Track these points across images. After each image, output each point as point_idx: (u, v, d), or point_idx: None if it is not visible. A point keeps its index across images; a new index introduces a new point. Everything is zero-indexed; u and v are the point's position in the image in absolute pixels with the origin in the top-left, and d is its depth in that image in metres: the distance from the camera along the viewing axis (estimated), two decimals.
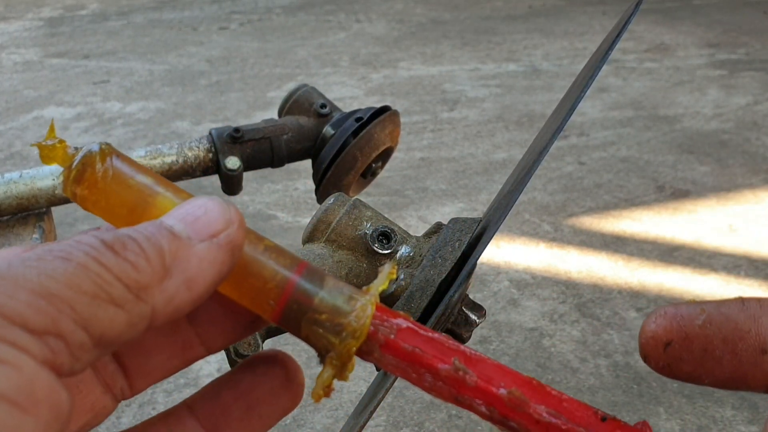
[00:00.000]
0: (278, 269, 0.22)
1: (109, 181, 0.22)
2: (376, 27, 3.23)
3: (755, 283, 1.38)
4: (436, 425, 1.08)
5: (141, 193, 0.21)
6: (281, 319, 0.22)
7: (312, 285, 0.22)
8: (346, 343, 0.21)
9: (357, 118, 0.65)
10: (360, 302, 0.22)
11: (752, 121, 2.09)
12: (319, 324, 0.21)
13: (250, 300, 0.22)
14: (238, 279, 0.21)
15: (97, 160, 0.22)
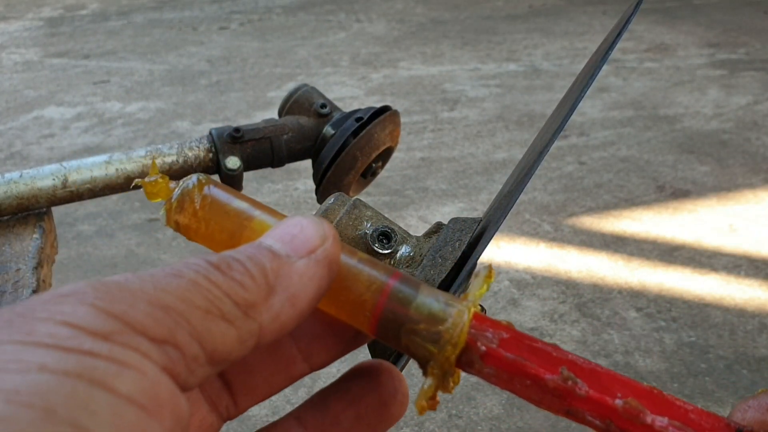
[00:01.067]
0: (372, 281, 0.22)
1: (207, 209, 0.23)
2: (377, 27, 3.23)
3: (755, 283, 1.38)
4: (437, 425, 1.08)
5: (238, 217, 0.22)
6: (378, 331, 0.21)
7: (406, 294, 0.22)
8: (445, 351, 0.21)
9: (357, 118, 0.65)
10: (456, 309, 0.21)
11: (752, 120, 2.09)
12: (417, 333, 0.21)
13: (347, 314, 0.22)
14: (334, 293, 0.21)
15: (196, 191, 0.23)
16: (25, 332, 0.15)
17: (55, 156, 2.08)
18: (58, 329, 0.15)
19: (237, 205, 0.23)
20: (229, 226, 0.22)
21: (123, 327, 0.15)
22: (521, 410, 1.11)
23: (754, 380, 1.14)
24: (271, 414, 1.12)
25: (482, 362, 0.21)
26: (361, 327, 0.22)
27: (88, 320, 0.15)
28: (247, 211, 0.22)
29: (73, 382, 0.14)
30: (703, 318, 1.29)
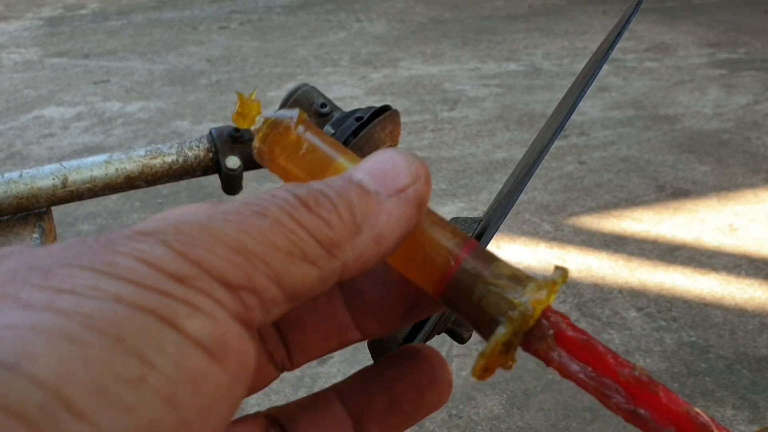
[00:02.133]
0: (454, 232, 0.21)
1: (296, 144, 0.22)
2: (377, 26, 3.23)
3: (755, 283, 1.38)
4: (437, 425, 1.08)
5: (326, 157, 0.22)
6: (453, 281, 0.21)
7: (486, 252, 0.21)
8: (523, 315, 0.20)
9: (357, 118, 0.65)
10: (538, 278, 0.20)
11: (752, 120, 2.09)
12: (496, 286, 0.20)
13: (420, 262, 0.21)
14: (410, 241, 0.21)
15: (288, 123, 0.23)
16: (105, 262, 0.15)
17: (54, 156, 2.08)
18: (137, 265, 0.15)
19: (327, 148, 0.23)
20: (316, 163, 0.22)
21: (199, 272, 0.16)
22: (521, 410, 1.11)
23: (755, 380, 1.14)
24: None
25: (554, 341, 0.20)
26: (429, 279, 0.21)
27: (165, 261, 0.15)
28: (334, 154, 0.22)
29: (145, 316, 0.14)
30: (703, 318, 1.29)
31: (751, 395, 1.11)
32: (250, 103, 0.24)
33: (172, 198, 1.81)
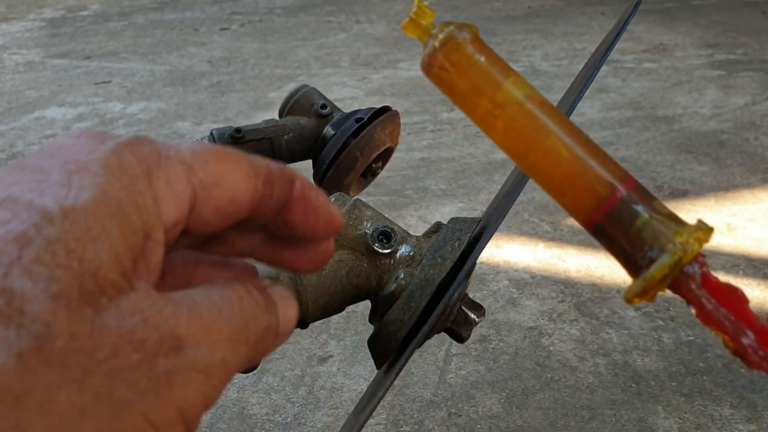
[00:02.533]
0: (616, 166, 0.22)
1: (465, 62, 0.24)
2: (377, 28, 3.23)
3: (753, 283, 1.39)
4: (436, 423, 1.09)
5: (489, 79, 0.24)
6: (614, 211, 0.21)
7: (646, 191, 0.22)
8: (692, 238, 0.20)
9: (357, 119, 0.66)
10: (695, 223, 0.21)
11: (750, 121, 2.10)
12: (658, 221, 0.21)
13: (576, 191, 0.22)
14: (569, 169, 0.22)
15: (464, 39, 0.24)
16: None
17: None
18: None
19: (491, 69, 0.24)
20: (478, 84, 0.24)
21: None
22: (520, 409, 1.11)
23: (752, 379, 1.15)
24: (271, 412, 1.13)
25: (700, 282, 0.21)
26: (584, 207, 0.22)
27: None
28: (499, 78, 0.24)
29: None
30: None
31: (749, 394, 1.12)
32: (426, 11, 0.25)
33: None
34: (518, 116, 0.24)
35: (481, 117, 0.25)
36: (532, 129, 0.23)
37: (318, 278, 0.36)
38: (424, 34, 0.25)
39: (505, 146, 0.25)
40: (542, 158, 0.23)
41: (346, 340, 1.26)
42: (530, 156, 0.24)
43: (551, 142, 0.23)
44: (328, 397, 1.15)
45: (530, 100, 0.24)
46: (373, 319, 0.39)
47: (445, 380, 1.17)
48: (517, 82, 0.24)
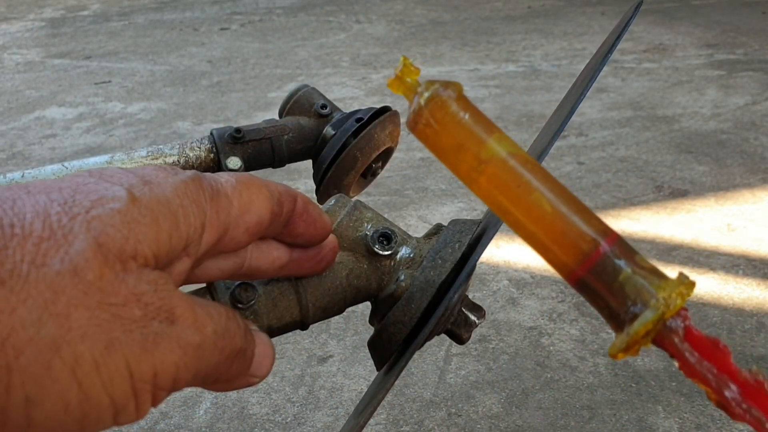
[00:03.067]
0: (600, 224, 0.23)
1: (449, 120, 0.24)
2: (377, 28, 3.23)
3: (753, 283, 1.39)
4: (436, 423, 1.09)
5: (473, 137, 0.25)
6: (597, 266, 0.22)
7: (630, 245, 0.22)
8: (664, 305, 0.21)
9: (357, 119, 0.66)
10: (676, 277, 0.22)
11: (750, 121, 2.10)
12: (640, 276, 0.22)
13: (559, 247, 0.23)
14: (551, 225, 0.23)
15: (448, 97, 0.25)
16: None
17: (56, 156, 2.09)
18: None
19: (475, 126, 0.24)
20: (462, 141, 0.24)
21: None
22: (520, 409, 1.11)
23: None
24: (271, 412, 1.13)
25: (683, 336, 0.21)
26: (567, 262, 0.22)
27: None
28: (483, 135, 0.24)
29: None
30: (701, 317, 1.30)
31: None
32: (411, 69, 0.25)
33: None
34: (501, 172, 0.24)
35: (465, 173, 0.25)
36: (515, 185, 0.24)
37: (318, 280, 0.36)
38: (409, 91, 0.26)
39: (488, 201, 0.26)
40: (525, 214, 0.24)
41: (346, 340, 1.26)
42: (513, 212, 0.25)
43: (534, 198, 0.24)
44: (328, 397, 1.15)
45: (513, 157, 0.25)
46: (374, 320, 0.39)
47: (445, 380, 1.17)
48: (501, 139, 0.25)
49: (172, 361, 0.21)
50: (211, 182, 0.25)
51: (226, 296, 0.34)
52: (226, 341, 0.24)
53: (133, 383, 0.21)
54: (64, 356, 0.19)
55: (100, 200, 0.22)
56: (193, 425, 1.11)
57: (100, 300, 0.20)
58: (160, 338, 0.21)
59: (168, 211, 0.23)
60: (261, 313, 0.35)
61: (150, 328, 0.21)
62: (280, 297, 0.35)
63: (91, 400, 0.20)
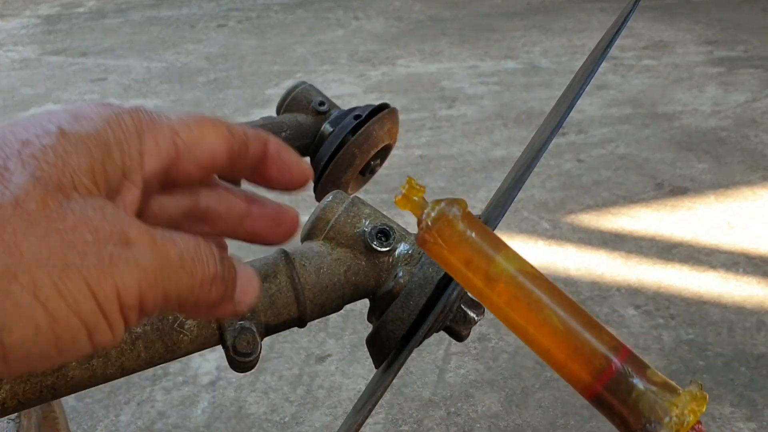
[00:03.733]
0: (611, 338, 0.24)
1: (456, 239, 0.26)
2: (375, 24, 3.22)
3: (753, 280, 1.38)
4: (435, 422, 1.08)
5: (481, 253, 0.26)
6: (611, 383, 0.23)
7: (641, 360, 0.24)
8: (687, 409, 0.22)
9: (355, 116, 0.65)
10: (687, 390, 0.23)
11: (751, 118, 2.09)
12: (653, 392, 0.23)
13: (574, 363, 0.24)
14: (566, 341, 0.24)
15: (454, 216, 0.26)
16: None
17: None
18: None
19: (483, 244, 0.26)
20: (470, 258, 0.26)
21: None
22: (519, 408, 1.11)
23: (753, 377, 1.14)
24: (269, 411, 1.12)
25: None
26: (582, 377, 0.24)
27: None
28: (491, 252, 0.26)
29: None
30: (701, 315, 1.29)
31: (749, 392, 1.11)
32: (417, 188, 0.27)
33: None
34: (511, 289, 0.26)
35: (477, 289, 0.26)
36: (526, 303, 0.25)
37: (316, 277, 0.36)
38: (415, 209, 0.27)
39: (500, 317, 0.26)
40: (538, 331, 0.25)
41: (344, 339, 1.25)
42: (526, 329, 0.26)
43: (545, 315, 0.25)
44: (326, 397, 1.14)
45: (522, 274, 0.26)
46: (372, 317, 0.39)
47: (444, 379, 1.16)
48: (508, 256, 0.26)
49: (134, 280, 0.22)
50: (151, 115, 0.26)
51: None
52: (196, 265, 0.24)
53: (99, 303, 0.21)
54: (22, 281, 0.20)
55: (31, 139, 0.23)
56: (191, 425, 1.10)
57: (47, 228, 0.21)
58: (116, 259, 0.22)
59: (98, 141, 0.24)
60: (259, 311, 0.34)
61: (104, 251, 0.22)
62: (277, 294, 0.35)
63: (60, 321, 0.21)
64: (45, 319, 0.21)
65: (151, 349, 0.32)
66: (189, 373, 1.20)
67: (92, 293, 0.21)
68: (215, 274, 0.25)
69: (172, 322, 0.33)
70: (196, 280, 0.24)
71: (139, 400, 1.15)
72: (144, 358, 0.32)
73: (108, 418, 1.12)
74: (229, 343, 0.33)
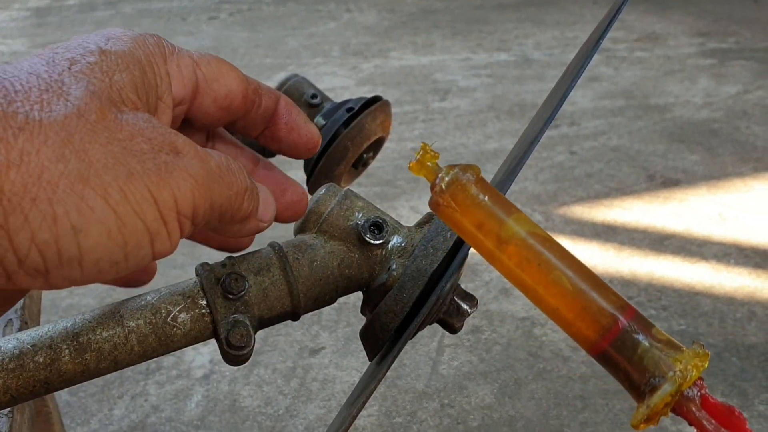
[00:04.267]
0: (618, 298, 0.25)
1: (470, 201, 0.26)
2: (367, 17, 3.21)
3: (744, 271, 1.39)
4: (429, 414, 1.09)
5: (493, 216, 0.27)
6: (617, 340, 0.24)
7: (646, 319, 0.24)
8: (680, 376, 0.23)
9: (348, 108, 0.65)
10: (691, 348, 0.24)
11: (742, 110, 2.10)
12: (658, 348, 0.24)
13: (581, 322, 0.25)
14: (573, 300, 0.25)
15: (468, 180, 0.27)
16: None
17: None
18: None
19: (494, 208, 0.27)
20: (482, 221, 0.27)
21: None
22: (513, 399, 1.11)
23: (744, 367, 1.15)
24: (263, 404, 1.12)
25: (700, 404, 0.23)
26: (588, 335, 0.25)
27: None
28: (502, 215, 0.27)
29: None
30: (693, 306, 1.30)
31: (741, 382, 1.12)
32: (431, 154, 0.28)
33: None
34: (522, 251, 0.26)
35: (488, 252, 0.27)
36: (536, 264, 0.26)
37: (309, 270, 0.36)
38: (429, 174, 0.28)
39: (511, 279, 0.27)
40: (547, 291, 0.26)
41: (337, 331, 1.25)
42: (536, 289, 0.26)
43: (555, 276, 0.26)
44: (320, 389, 1.14)
45: (532, 236, 0.27)
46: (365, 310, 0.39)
47: (438, 371, 1.17)
48: (519, 219, 0.27)
49: (188, 188, 0.23)
50: (173, 44, 0.27)
51: (217, 287, 0.33)
52: (231, 177, 0.25)
53: (159, 209, 0.23)
54: (94, 187, 0.21)
55: (77, 57, 0.24)
56: (185, 418, 1.10)
57: (108, 137, 0.22)
58: (171, 167, 0.23)
59: (133, 59, 0.25)
60: (252, 304, 0.34)
61: (160, 159, 0.23)
62: (271, 287, 0.35)
63: (128, 225, 0.22)
64: (115, 223, 0.22)
65: (144, 343, 0.32)
66: (182, 366, 1.20)
67: (154, 199, 0.22)
68: (247, 187, 0.26)
69: (165, 315, 0.33)
70: (232, 191, 0.25)
71: (133, 394, 1.15)
72: (137, 352, 0.32)
73: (101, 413, 1.12)
74: (223, 336, 0.33)
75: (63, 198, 0.21)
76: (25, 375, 0.31)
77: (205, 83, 0.28)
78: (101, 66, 0.24)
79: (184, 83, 0.27)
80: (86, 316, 0.32)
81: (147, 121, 0.24)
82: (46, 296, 1.32)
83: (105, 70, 0.24)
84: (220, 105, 0.28)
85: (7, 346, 0.31)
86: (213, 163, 0.25)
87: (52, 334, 0.31)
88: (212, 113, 0.28)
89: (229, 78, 0.28)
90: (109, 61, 0.24)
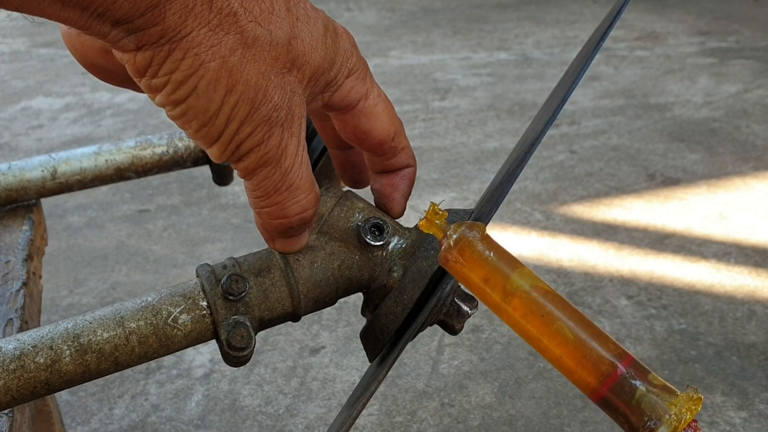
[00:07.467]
0: (616, 346, 0.27)
1: (477, 258, 0.29)
2: (367, 16, 3.21)
3: (745, 271, 1.39)
4: (429, 413, 1.09)
5: (498, 271, 0.29)
6: (616, 386, 0.26)
7: (643, 365, 0.26)
8: (675, 420, 0.25)
9: None
10: (684, 393, 0.25)
11: (742, 109, 2.10)
12: (653, 393, 0.26)
13: (582, 369, 0.27)
14: (575, 350, 0.27)
15: (474, 238, 0.29)
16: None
17: (43, 147, 2.06)
18: None
19: (499, 263, 0.29)
20: (489, 276, 0.29)
21: None
22: (513, 398, 1.11)
23: (744, 366, 1.15)
24: (263, 404, 1.12)
25: None
26: (589, 382, 0.27)
27: None
28: (507, 270, 0.29)
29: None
30: (693, 305, 1.30)
31: (741, 382, 1.12)
32: (439, 213, 0.30)
33: (163, 189, 1.80)
34: (527, 303, 0.29)
35: (495, 304, 0.29)
36: (539, 315, 0.28)
37: (310, 271, 0.36)
38: (438, 232, 0.30)
39: (516, 329, 0.29)
40: (551, 341, 0.28)
41: (338, 331, 1.25)
42: (540, 339, 0.29)
43: (557, 327, 0.28)
44: (320, 389, 1.14)
45: (535, 289, 0.29)
46: (366, 311, 0.39)
47: (438, 370, 1.17)
48: (523, 273, 0.29)
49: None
50: (367, 63, 0.34)
51: (218, 288, 0.33)
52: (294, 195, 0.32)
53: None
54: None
55: (312, 14, 0.30)
56: (185, 417, 1.10)
57: (266, 69, 0.28)
58: (276, 124, 0.29)
59: (336, 53, 0.30)
60: (252, 305, 0.34)
61: (278, 114, 0.29)
62: (271, 288, 0.35)
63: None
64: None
65: (144, 344, 0.32)
66: (183, 366, 1.20)
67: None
68: (306, 218, 0.32)
69: (165, 316, 0.33)
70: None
71: (133, 393, 1.15)
72: (138, 353, 0.32)
73: (102, 412, 1.12)
74: (224, 337, 0.33)
75: (242, 75, 0.28)
76: (26, 376, 0.31)
77: (358, 112, 0.32)
78: (312, 36, 0.29)
79: (342, 105, 0.32)
80: (87, 317, 0.32)
81: (295, 91, 0.29)
82: (46, 296, 1.32)
83: (312, 42, 0.29)
84: (356, 135, 0.33)
85: (8, 347, 0.31)
86: (288, 162, 0.30)
87: (53, 335, 0.31)
88: (346, 133, 0.33)
89: (380, 121, 0.33)
90: (328, 40, 0.30)
